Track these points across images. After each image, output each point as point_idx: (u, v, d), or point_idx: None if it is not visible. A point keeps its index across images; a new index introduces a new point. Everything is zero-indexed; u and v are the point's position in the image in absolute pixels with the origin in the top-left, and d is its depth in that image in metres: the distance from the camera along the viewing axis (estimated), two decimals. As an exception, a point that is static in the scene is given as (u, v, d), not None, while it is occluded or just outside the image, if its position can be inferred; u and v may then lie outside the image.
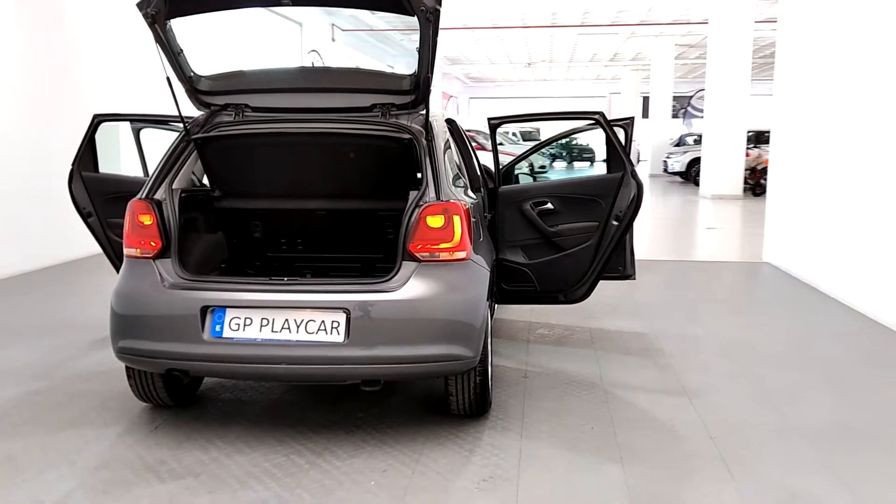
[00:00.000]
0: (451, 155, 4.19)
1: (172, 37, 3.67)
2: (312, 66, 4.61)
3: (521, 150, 6.82)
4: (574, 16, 20.28)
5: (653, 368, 4.72)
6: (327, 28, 19.14)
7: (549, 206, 4.68)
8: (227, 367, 3.46)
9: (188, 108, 3.86)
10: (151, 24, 3.52)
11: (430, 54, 3.54)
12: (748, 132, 16.80)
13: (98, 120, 4.81)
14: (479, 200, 4.31)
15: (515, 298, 4.89)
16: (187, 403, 4.03)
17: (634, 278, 5.04)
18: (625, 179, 4.47)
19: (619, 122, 4.98)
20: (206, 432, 3.68)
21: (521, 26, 21.86)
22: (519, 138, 27.71)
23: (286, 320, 3.36)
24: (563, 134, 5.63)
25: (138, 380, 3.79)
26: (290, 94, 3.99)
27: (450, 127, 4.50)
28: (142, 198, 3.65)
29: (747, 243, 10.40)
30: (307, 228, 4.35)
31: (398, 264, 3.43)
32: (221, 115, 3.96)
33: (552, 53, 29.26)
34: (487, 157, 5.23)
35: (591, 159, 32.10)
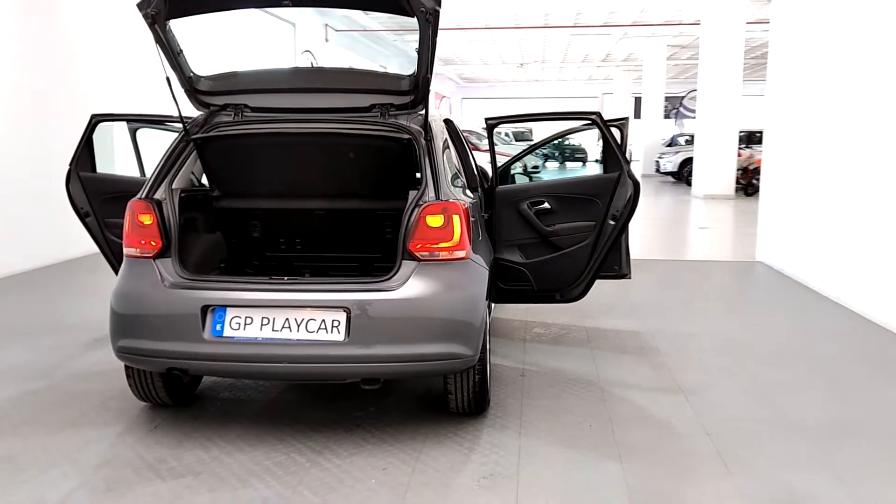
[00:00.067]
0: (450, 155, 4.22)
1: (172, 37, 3.69)
2: (311, 66, 4.61)
3: (514, 151, 6.86)
4: (567, 16, 20.34)
5: (649, 367, 4.76)
6: (321, 28, 19.14)
7: (546, 205, 4.70)
8: (228, 366, 3.48)
9: (187, 108, 3.87)
10: (151, 24, 3.52)
11: (429, 55, 3.56)
12: (740, 132, 16.88)
13: (96, 120, 4.81)
14: (477, 200, 4.33)
15: (512, 297, 4.91)
16: (186, 403, 4.04)
17: (630, 277, 5.07)
18: (621, 179, 4.50)
19: (615, 122, 5.01)
20: (205, 431, 3.70)
21: (513, 27, 21.91)
22: (512, 139, 27.77)
23: (287, 319, 3.37)
24: (561, 134, 5.65)
25: (138, 379, 3.79)
26: (289, 95, 4.00)
27: (447, 127, 4.52)
28: (142, 197, 3.66)
29: (740, 243, 10.46)
30: (306, 228, 4.37)
31: (398, 263, 3.45)
32: (221, 116, 3.97)
33: (545, 54, 29.33)
34: (480, 157, 5.26)
35: (583, 159, 32.18)
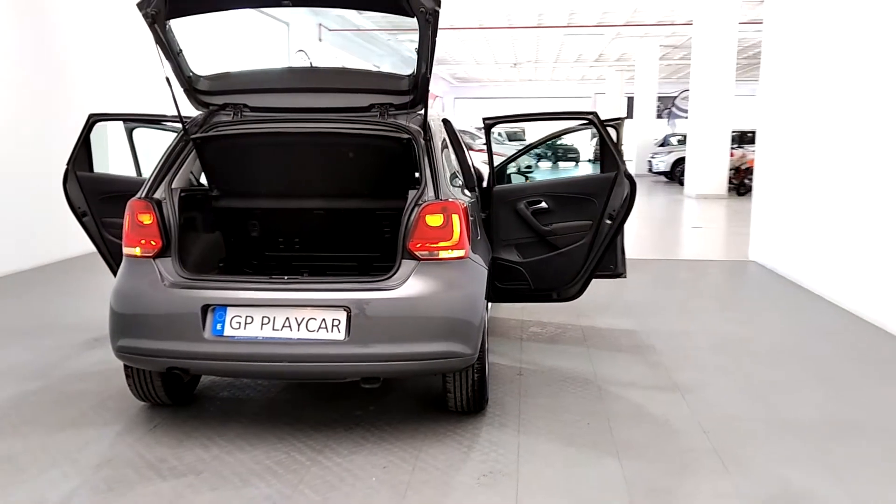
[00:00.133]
0: (449, 154, 4.24)
1: (172, 37, 3.69)
2: (310, 66, 4.61)
3: (507, 150, 6.86)
4: (560, 16, 20.37)
5: (645, 365, 4.79)
6: (314, 28, 19.13)
7: (543, 204, 4.73)
8: (229, 365, 3.49)
9: (186, 107, 3.88)
10: (151, 24, 3.53)
11: (429, 55, 3.58)
12: (732, 132, 16.96)
13: (93, 119, 4.80)
14: (475, 199, 4.36)
15: (509, 297, 4.93)
16: (185, 402, 4.04)
17: (625, 276, 5.10)
18: (618, 179, 4.53)
19: (611, 122, 5.04)
20: (205, 430, 3.70)
21: (507, 27, 21.93)
22: (504, 138, 27.82)
23: (287, 318, 3.38)
24: (557, 133, 5.68)
25: (137, 379, 3.80)
26: (288, 94, 4.01)
27: (445, 127, 4.54)
28: (141, 197, 3.67)
29: (733, 242, 10.51)
30: (305, 228, 4.38)
31: (398, 263, 3.47)
32: (220, 115, 3.98)
33: (538, 54, 29.37)
34: (473, 156, 5.27)
35: (575, 159, 32.28)
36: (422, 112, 3.94)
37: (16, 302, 6.70)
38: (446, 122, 4.67)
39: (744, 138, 19.45)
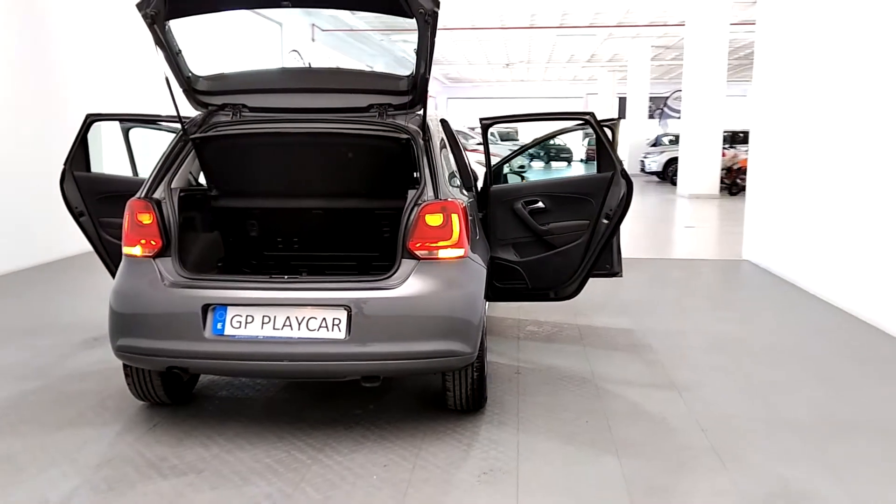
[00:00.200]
0: (447, 154, 4.25)
1: (171, 37, 3.70)
2: (309, 66, 4.63)
3: (500, 150, 6.88)
4: (553, 17, 20.42)
5: (641, 364, 4.82)
6: (307, 28, 19.11)
7: (541, 204, 4.75)
8: (229, 364, 3.50)
9: (185, 107, 3.88)
10: (151, 24, 3.53)
11: (428, 55, 3.59)
12: (724, 133, 17.04)
13: (90, 119, 4.79)
14: (473, 199, 4.37)
15: (507, 296, 4.95)
16: (184, 402, 4.05)
17: (621, 276, 5.13)
18: (615, 178, 4.56)
19: (607, 122, 5.06)
20: (205, 430, 3.71)
21: (499, 27, 21.96)
22: (497, 138, 27.84)
23: (288, 318, 3.39)
24: (554, 133, 5.70)
25: (136, 378, 3.80)
26: (287, 95, 4.02)
27: (443, 127, 4.56)
28: (141, 197, 3.67)
29: (726, 241, 10.56)
30: (304, 227, 4.39)
31: (398, 262, 3.48)
32: (219, 115, 3.99)
33: (530, 54, 29.42)
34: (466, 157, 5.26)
35: (568, 159, 32.34)
36: (420, 112, 3.95)
37: (14, 301, 6.69)
38: (444, 122, 4.69)
39: (735, 138, 19.57)
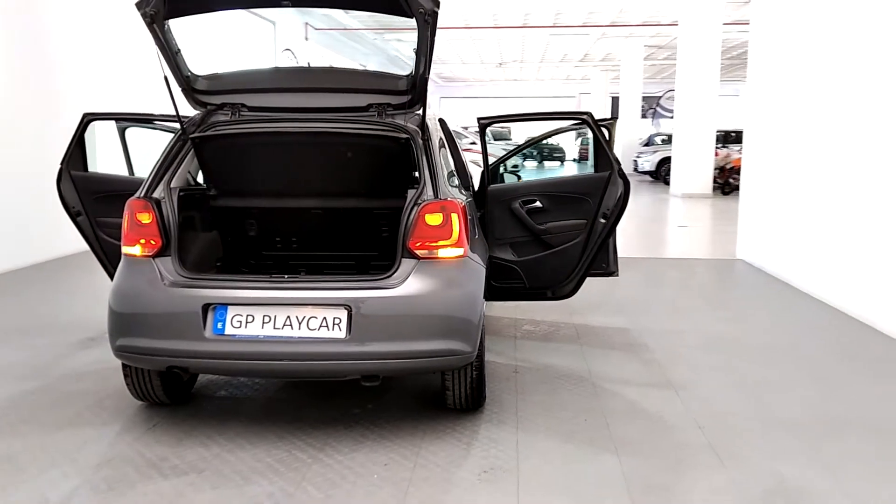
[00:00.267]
0: (446, 154, 4.27)
1: (171, 37, 3.70)
2: (308, 66, 4.64)
3: (493, 149, 6.88)
4: (546, 16, 20.46)
5: (638, 362, 4.84)
6: (301, 27, 19.08)
7: (538, 204, 4.77)
8: (230, 363, 3.50)
9: (184, 107, 3.88)
10: (150, 24, 3.54)
11: (427, 55, 3.61)
12: (716, 132, 17.11)
13: (88, 119, 4.78)
14: (471, 199, 4.39)
15: (504, 295, 4.97)
16: (183, 401, 4.04)
17: (617, 275, 5.16)
18: (612, 178, 4.58)
19: (604, 122, 5.09)
20: (204, 429, 3.71)
21: (493, 27, 21.98)
22: (490, 138, 27.76)
23: (288, 317, 3.40)
24: (551, 132, 5.72)
25: (135, 378, 3.79)
26: (286, 94, 4.03)
27: (441, 127, 4.57)
28: (140, 196, 3.67)
29: (719, 241, 10.62)
30: (302, 227, 4.39)
31: (398, 261, 3.49)
32: (218, 115, 3.99)
33: (523, 54, 29.46)
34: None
35: (560, 159, 32.42)
36: (419, 112, 3.96)
37: (11, 300, 6.68)
38: (442, 122, 4.70)
39: (728, 138, 19.65)
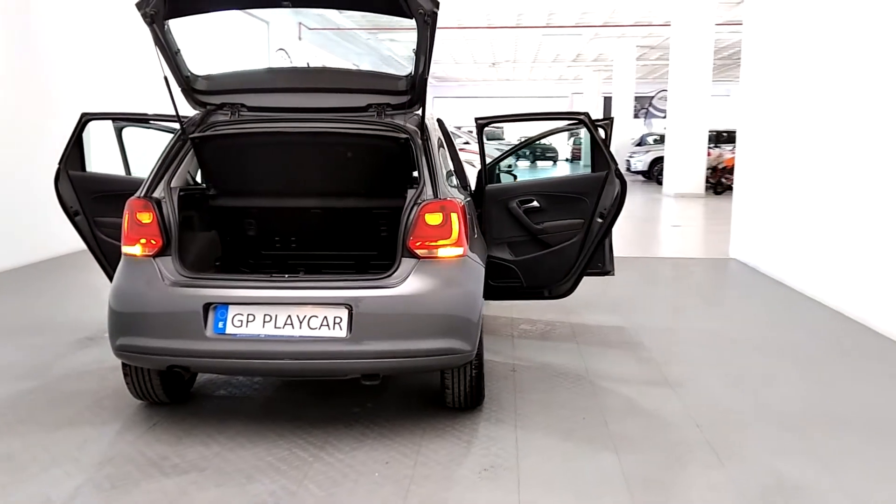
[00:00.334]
0: (445, 154, 4.29)
1: (170, 37, 3.71)
2: (307, 66, 4.65)
3: (486, 149, 6.88)
4: (539, 17, 20.49)
5: (635, 361, 4.87)
6: (294, 27, 19.06)
7: (535, 203, 4.79)
8: (230, 363, 3.51)
9: (184, 107, 3.89)
10: (150, 24, 3.54)
11: (427, 56, 3.63)
12: (709, 132, 17.18)
13: (86, 119, 4.77)
14: (470, 198, 4.41)
15: (502, 294, 4.99)
16: (183, 401, 4.05)
17: (613, 274, 5.19)
18: (609, 178, 4.61)
19: (600, 122, 5.12)
20: (205, 428, 3.72)
21: (486, 27, 22.01)
22: (484, 138, 27.86)
23: (289, 316, 3.41)
24: (548, 132, 5.75)
25: (135, 377, 3.80)
26: (285, 94, 4.04)
27: (439, 126, 4.60)
28: (140, 196, 3.67)
29: (712, 240, 10.66)
30: (302, 227, 4.40)
31: (398, 261, 3.51)
32: (217, 115, 4.00)
33: (516, 54, 29.49)
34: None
35: (553, 159, 32.51)
36: (418, 112, 3.98)
37: (9, 300, 6.67)
38: (440, 122, 4.73)
39: (720, 138, 19.74)
